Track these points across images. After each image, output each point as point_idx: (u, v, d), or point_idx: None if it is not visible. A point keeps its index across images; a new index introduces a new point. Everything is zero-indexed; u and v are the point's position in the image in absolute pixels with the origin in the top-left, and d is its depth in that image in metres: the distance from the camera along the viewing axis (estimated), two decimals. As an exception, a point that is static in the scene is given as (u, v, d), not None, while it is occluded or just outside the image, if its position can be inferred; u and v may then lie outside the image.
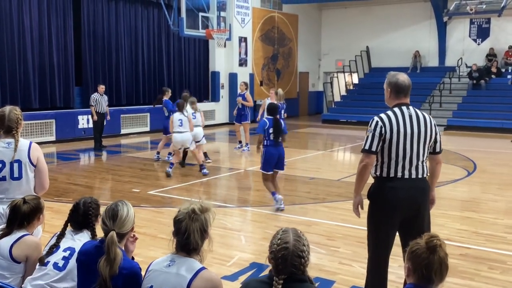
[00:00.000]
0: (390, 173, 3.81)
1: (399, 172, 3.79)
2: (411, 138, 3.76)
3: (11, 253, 3.26)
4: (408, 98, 3.91)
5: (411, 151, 3.76)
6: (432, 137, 3.85)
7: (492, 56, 21.52)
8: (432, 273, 2.35)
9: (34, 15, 14.54)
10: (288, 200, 8.16)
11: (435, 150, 3.93)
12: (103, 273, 2.67)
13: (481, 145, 15.08)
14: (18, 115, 4.01)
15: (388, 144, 3.77)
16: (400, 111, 3.82)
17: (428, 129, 3.81)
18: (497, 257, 5.55)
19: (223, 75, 20.56)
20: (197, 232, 2.55)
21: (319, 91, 25.87)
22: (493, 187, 9.24)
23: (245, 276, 4.93)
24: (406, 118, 3.79)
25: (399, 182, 3.79)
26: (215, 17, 16.43)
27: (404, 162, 3.77)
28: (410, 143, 3.76)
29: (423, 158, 3.83)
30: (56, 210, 7.25)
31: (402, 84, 3.87)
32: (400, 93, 3.88)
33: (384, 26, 23.51)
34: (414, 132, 3.77)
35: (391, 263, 5.33)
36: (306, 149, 14.45)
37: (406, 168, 3.78)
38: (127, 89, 17.48)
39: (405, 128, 3.76)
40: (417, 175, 3.82)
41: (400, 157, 3.76)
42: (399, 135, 3.75)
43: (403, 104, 3.87)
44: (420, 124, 3.80)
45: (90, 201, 3.33)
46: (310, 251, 2.42)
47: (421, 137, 3.79)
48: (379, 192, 3.91)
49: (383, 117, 3.82)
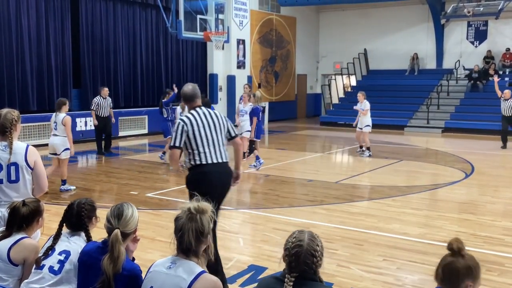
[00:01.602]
0: (202, 160, 4.70)
1: (208, 158, 4.70)
2: (209, 129, 4.75)
3: (9, 255, 3.25)
4: (199, 101, 4.88)
5: (212, 140, 4.74)
6: (224, 126, 4.86)
7: (489, 59, 21.57)
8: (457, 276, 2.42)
9: (32, 17, 14.53)
10: (286, 202, 8.16)
11: (230, 135, 4.93)
12: (107, 271, 2.69)
13: (479, 147, 15.11)
14: (14, 116, 4.00)
15: (193, 138, 4.68)
16: (196, 112, 4.80)
17: (220, 121, 4.84)
18: (495, 259, 5.56)
19: (221, 78, 20.56)
20: (191, 232, 2.54)
21: (317, 93, 25.90)
22: (491, 189, 9.25)
23: (244, 279, 4.93)
24: (202, 116, 4.77)
25: (212, 166, 4.70)
26: (213, 20, 16.43)
27: (209, 149, 4.71)
28: (210, 133, 4.74)
29: (223, 144, 4.83)
30: (54, 212, 7.24)
31: (186, 93, 4.92)
32: (188, 100, 4.91)
33: (382, 28, 23.55)
34: (210, 125, 4.76)
35: (389, 265, 5.34)
36: (304, 151, 14.46)
37: (213, 154, 4.72)
38: (125, 91, 17.47)
39: (203, 123, 4.74)
40: (223, 160, 4.78)
41: (206, 146, 4.70)
42: (199, 129, 4.70)
43: (196, 106, 4.86)
44: (213, 119, 4.81)
45: (84, 202, 3.31)
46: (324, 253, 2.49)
47: (216, 128, 4.78)
48: (198, 177, 4.73)
49: (184, 119, 4.76)
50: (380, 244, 6.02)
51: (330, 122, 21.05)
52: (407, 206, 7.91)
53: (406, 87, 22.06)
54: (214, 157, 4.73)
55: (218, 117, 4.86)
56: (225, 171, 4.85)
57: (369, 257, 5.57)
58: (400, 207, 7.84)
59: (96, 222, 3.38)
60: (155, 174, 10.55)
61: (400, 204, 8.04)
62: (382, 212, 7.53)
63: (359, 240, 6.18)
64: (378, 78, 23.33)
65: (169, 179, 9.82)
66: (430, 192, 9.07)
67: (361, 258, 5.53)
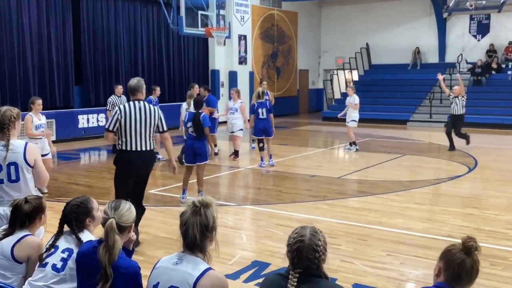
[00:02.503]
0: (126, 147, 5.53)
1: (130, 146, 5.51)
2: (138, 122, 5.48)
3: (12, 253, 3.25)
4: (139, 95, 5.61)
5: (139, 131, 5.49)
6: (155, 121, 5.58)
7: (492, 52, 21.49)
8: (463, 274, 2.38)
9: (33, 14, 14.52)
10: (289, 198, 8.16)
11: (159, 130, 5.67)
12: (102, 260, 2.69)
13: (482, 141, 15.05)
14: (13, 114, 3.99)
15: (124, 126, 5.47)
16: (133, 104, 5.54)
17: (151, 116, 5.54)
18: (499, 253, 5.55)
19: (223, 73, 20.54)
20: (196, 226, 2.54)
21: (319, 88, 25.85)
22: (494, 184, 9.22)
23: (247, 275, 4.93)
24: (136, 109, 5.50)
25: (134, 153, 5.53)
26: (215, 15, 16.38)
27: (134, 139, 5.50)
28: (136, 125, 5.48)
29: (149, 136, 5.58)
30: (57, 210, 7.23)
31: (130, 86, 5.63)
32: (131, 92, 5.63)
33: (384, 23, 23.47)
34: (142, 118, 5.50)
35: (392, 260, 5.33)
36: (307, 147, 14.44)
37: (138, 143, 5.52)
38: (126, 88, 17.42)
39: (135, 116, 5.47)
40: (146, 148, 5.58)
41: (133, 136, 5.49)
42: (131, 120, 5.46)
43: (136, 99, 5.59)
44: (146, 113, 5.53)
45: (75, 204, 3.22)
46: (327, 248, 2.48)
47: (146, 121, 5.52)
48: (121, 160, 5.63)
49: (121, 108, 5.53)
50: (384, 239, 6.01)
51: (332, 117, 20.85)
52: (410, 201, 7.89)
53: (408, 82, 22.01)
54: (136, 146, 5.54)
55: (151, 112, 5.57)
56: (144, 158, 5.62)
57: (372, 252, 5.57)
58: (404, 202, 7.83)
59: (92, 222, 3.29)
60: (158, 171, 10.54)
61: (403, 199, 8.02)
62: (386, 207, 7.52)
63: (362, 235, 6.17)
64: (380, 72, 23.28)
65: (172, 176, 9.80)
66: (433, 187, 9.05)
67: (364, 253, 5.52)
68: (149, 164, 5.77)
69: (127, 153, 5.55)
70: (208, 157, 7.71)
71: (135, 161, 5.56)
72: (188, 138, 7.72)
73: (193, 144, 7.61)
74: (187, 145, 7.73)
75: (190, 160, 7.69)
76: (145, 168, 5.73)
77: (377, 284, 4.71)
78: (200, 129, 7.53)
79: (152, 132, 5.63)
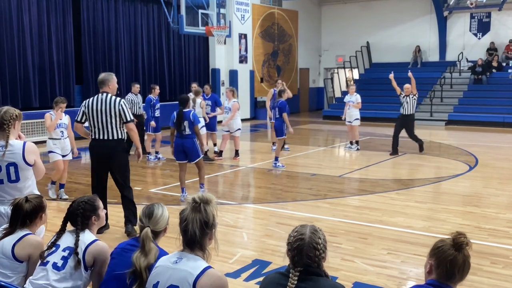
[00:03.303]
0: (92, 135, 6.09)
1: (94, 135, 6.04)
2: (99, 112, 5.92)
3: (13, 252, 3.26)
4: (105, 88, 6.01)
5: (100, 121, 5.93)
6: (116, 111, 5.91)
7: (492, 50, 21.47)
8: (456, 270, 2.36)
9: (34, 13, 14.52)
10: (290, 197, 8.16)
11: (123, 120, 5.97)
12: (138, 265, 2.86)
13: (483, 139, 15.06)
14: (15, 113, 4.01)
15: (88, 117, 6.00)
16: (96, 97, 6.00)
17: (111, 107, 5.89)
18: (500, 251, 5.55)
19: (223, 72, 20.54)
20: (195, 222, 2.55)
21: (320, 87, 25.84)
22: (495, 182, 9.22)
23: (248, 273, 4.93)
24: (97, 101, 5.95)
25: (96, 141, 6.04)
26: (215, 14, 16.39)
27: (96, 128, 5.98)
28: (98, 115, 5.93)
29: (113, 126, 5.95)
30: (58, 209, 7.27)
31: (98, 80, 6.10)
32: (98, 85, 6.08)
33: (384, 21, 23.46)
34: (103, 109, 5.90)
35: (393, 259, 5.34)
36: (307, 145, 14.44)
37: (100, 132, 5.98)
38: (127, 87, 17.44)
39: (97, 107, 5.93)
40: (108, 137, 5.98)
41: (95, 125, 5.97)
42: (93, 111, 5.94)
43: (101, 92, 6.01)
44: (106, 104, 5.90)
45: (82, 201, 3.29)
46: (327, 246, 2.48)
47: (106, 112, 5.90)
48: (90, 148, 6.20)
49: (86, 100, 6.06)
50: (384, 237, 6.01)
51: (333, 116, 20.97)
52: (411, 199, 7.89)
53: (409, 80, 21.92)
54: (98, 135, 5.98)
55: (112, 103, 5.90)
56: (107, 147, 6.00)
57: (373, 250, 5.57)
58: (404, 200, 7.83)
59: (97, 221, 3.35)
60: (159, 170, 10.55)
61: (404, 197, 8.02)
62: (386, 205, 7.52)
63: (363, 233, 6.17)
64: (381, 71, 23.23)
65: (172, 175, 9.81)
66: (434, 185, 9.05)
67: (365, 252, 5.53)
68: (113, 152, 6.04)
69: (91, 142, 6.11)
70: (201, 152, 7.85)
71: (96, 149, 6.07)
72: (177, 136, 7.72)
73: (182, 142, 7.67)
74: (175, 143, 7.75)
75: (180, 157, 7.79)
76: (109, 157, 6.04)
77: (377, 283, 4.71)
78: (189, 127, 7.62)
79: (118, 122, 5.96)
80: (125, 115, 5.97)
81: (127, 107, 6.03)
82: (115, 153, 6.07)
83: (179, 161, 7.83)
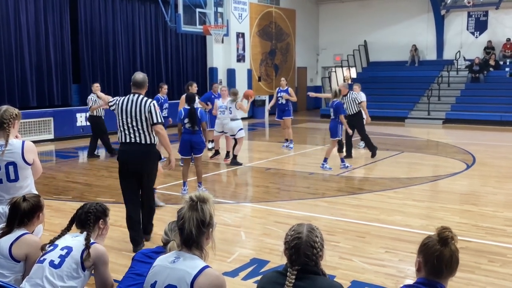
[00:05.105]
0: (119, 139, 5.63)
1: (121, 138, 5.61)
2: (127, 114, 5.50)
3: (10, 251, 3.25)
4: (140, 90, 5.63)
5: (127, 123, 5.51)
6: (143, 113, 5.47)
7: (490, 49, 21.50)
8: (443, 266, 2.34)
9: (31, 12, 14.49)
10: (288, 196, 8.16)
11: (150, 122, 5.51)
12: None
13: (480, 138, 15.08)
14: (14, 112, 4.01)
15: (117, 118, 5.60)
16: (126, 97, 5.59)
17: (140, 108, 5.47)
18: (497, 250, 5.56)
19: (221, 71, 20.52)
20: (192, 220, 2.54)
21: (318, 85, 25.84)
22: (492, 180, 9.24)
23: (246, 272, 4.93)
24: (126, 101, 5.54)
25: (123, 145, 5.61)
26: (212, 13, 16.38)
27: (123, 131, 5.55)
28: (126, 117, 5.51)
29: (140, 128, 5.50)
30: (56, 208, 7.25)
31: (135, 80, 5.66)
32: (133, 86, 5.67)
33: (382, 20, 23.47)
34: (131, 110, 5.48)
35: (391, 257, 5.34)
36: (305, 144, 14.44)
37: (126, 135, 5.55)
38: (124, 86, 17.43)
39: (126, 107, 5.51)
40: (135, 141, 5.52)
41: (121, 127, 5.55)
42: (121, 112, 5.53)
43: (134, 93, 5.60)
44: (135, 105, 5.48)
45: (96, 203, 3.43)
46: (324, 245, 2.48)
47: (135, 114, 5.47)
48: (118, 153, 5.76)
49: (119, 98, 5.67)
50: (382, 236, 6.02)
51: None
52: (408, 198, 7.90)
53: (406, 79, 22.02)
54: (125, 138, 5.56)
55: (142, 104, 5.49)
56: (134, 150, 5.55)
57: (371, 249, 5.57)
58: (402, 199, 7.84)
59: (103, 227, 3.40)
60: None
61: (401, 196, 8.03)
62: (384, 204, 7.52)
63: (361, 232, 6.18)
64: (379, 70, 23.28)
65: (171, 174, 9.80)
66: (432, 184, 9.06)
67: (363, 250, 5.53)
68: (141, 158, 5.56)
69: (119, 146, 5.72)
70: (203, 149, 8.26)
71: (123, 154, 5.61)
72: (185, 132, 8.10)
73: (191, 138, 8.04)
74: (183, 139, 8.12)
75: (186, 152, 8.15)
76: (135, 162, 5.56)
77: (375, 281, 4.72)
78: (197, 124, 8.03)
79: (148, 125, 5.53)
80: (153, 116, 5.50)
81: (157, 108, 5.56)
82: (142, 160, 5.59)
83: (184, 156, 8.16)
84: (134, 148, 5.54)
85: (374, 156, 11.50)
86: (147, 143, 5.56)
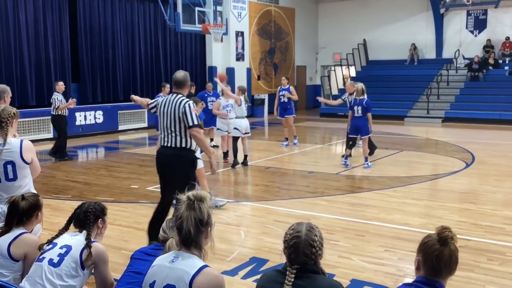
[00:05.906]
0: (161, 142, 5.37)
1: (160, 141, 5.41)
2: (164, 115, 5.22)
3: (9, 251, 3.25)
4: (182, 90, 5.30)
5: (164, 125, 5.24)
6: (179, 115, 5.12)
7: (489, 48, 21.50)
8: (442, 265, 2.35)
9: (30, 11, 14.47)
10: (287, 194, 8.16)
11: (185, 124, 5.16)
12: None
13: (479, 136, 15.09)
14: (12, 111, 4.01)
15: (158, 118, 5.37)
16: (168, 97, 5.30)
17: (176, 110, 5.13)
18: (496, 248, 5.56)
19: (220, 70, 20.46)
20: (190, 219, 2.54)
21: (317, 84, 25.84)
22: (491, 179, 9.24)
23: (245, 271, 4.93)
24: (164, 102, 5.26)
25: (160, 148, 5.38)
26: (212, 12, 16.38)
27: (162, 133, 5.30)
28: (164, 119, 5.24)
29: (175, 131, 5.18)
30: (55, 207, 7.25)
31: (176, 79, 5.34)
32: (175, 85, 5.36)
33: (381, 18, 23.47)
34: (168, 111, 5.18)
35: (390, 256, 5.35)
36: (305, 143, 14.43)
37: (163, 138, 5.29)
38: (124, 85, 17.43)
39: (164, 109, 5.22)
40: (169, 144, 5.23)
41: (163, 130, 5.26)
42: (160, 113, 5.27)
43: (174, 93, 5.32)
44: (171, 106, 5.16)
45: (95, 203, 3.42)
46: (323, 243, 2.48)
47: (171, 116, 5.15)
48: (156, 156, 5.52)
49: (160, 99, 5.44)
50: (382, 234, 6.02)
51: (330, 113, 21.01)
52: (408, 196, 7.91)
53: (405, 77, 22.02)
54: (162, 141, 5.33)
55: (177, 104, 5.16)
56: (167, 154, 5.27)
57: (370, 248, 5.57)
58: (401, 197, 7.84)
59: (102, 226, 3.39)
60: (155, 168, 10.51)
61: (401, 194, 8.03)
62: (383, 202, 7.53)
63: (360, 231, 6.18)
64: (378, 68, 23.28)
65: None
66: (431, 182, 9.06)
67: (362, 249, 5.53)
68: (171, 161, 5.24)
69: (158, 149, 5.50)
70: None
71: (159, 157, 5.38)
72: None
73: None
74: None
75: None
76: (166, 165, 5.30)
77: (375, 280, 4.72)
78: None
79: (183, 127, 5.16)
80: (187, 117, 5.10)
81: (193, 110, 5.16)
82: (171, 163, 5.26)
83: None
84: (166, 152, 5.27)
85: (372, 154, 11.45)
86: (177, 147, 5.21)
